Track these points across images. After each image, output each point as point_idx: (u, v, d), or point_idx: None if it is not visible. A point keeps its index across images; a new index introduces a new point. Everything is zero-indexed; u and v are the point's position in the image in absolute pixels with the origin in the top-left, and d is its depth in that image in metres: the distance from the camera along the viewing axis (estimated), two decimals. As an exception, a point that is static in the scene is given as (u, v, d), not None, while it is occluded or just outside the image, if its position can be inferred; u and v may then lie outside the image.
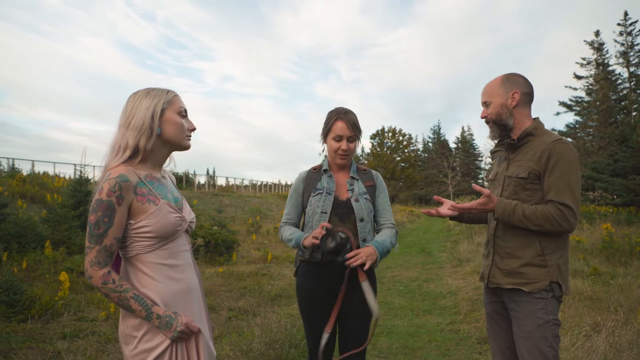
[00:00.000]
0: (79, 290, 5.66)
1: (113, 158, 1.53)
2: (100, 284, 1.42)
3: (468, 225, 14.40)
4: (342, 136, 2.22)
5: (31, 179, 17.79)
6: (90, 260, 1.43)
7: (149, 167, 1.60)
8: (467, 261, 8.92)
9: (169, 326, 1.46)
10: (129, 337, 1.49)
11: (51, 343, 3.66)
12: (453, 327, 4.82)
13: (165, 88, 1.63)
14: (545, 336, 1.86)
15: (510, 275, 1.97)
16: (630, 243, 8.42)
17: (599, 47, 31.48)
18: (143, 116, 1.52)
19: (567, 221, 1.85)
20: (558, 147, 1.91)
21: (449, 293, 6.46)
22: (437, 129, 63.34)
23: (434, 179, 52.71)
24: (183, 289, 1.56)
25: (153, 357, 1.45)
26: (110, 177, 1.45)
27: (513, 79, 2.07)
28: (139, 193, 1.49)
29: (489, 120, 2.11)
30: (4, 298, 4.32)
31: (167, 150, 1.65)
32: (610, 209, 13.95)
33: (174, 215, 1.54)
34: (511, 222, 1.94)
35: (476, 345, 4.21)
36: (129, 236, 1.50)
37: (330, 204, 2.20)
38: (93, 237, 1.43)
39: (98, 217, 1.42)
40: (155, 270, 1.51)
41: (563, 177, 1.88)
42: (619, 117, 28.95)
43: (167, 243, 1.55)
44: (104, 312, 4.60)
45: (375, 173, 2.38)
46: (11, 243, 7.68)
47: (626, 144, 16.72)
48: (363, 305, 2.07)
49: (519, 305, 1.94)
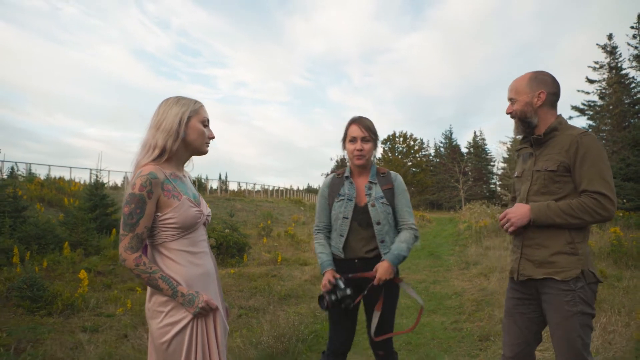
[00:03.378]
0: (97, 289, 5.91)
1: (143, 156, 1.76)
2: (133, 266, 1.65)
3: (477, 230, 14.45)
4: (356, 137, 2.41)
5: (48, 183, 18.26)
6: (124, 246, 1.65)
7: (172, 167, 1.82)
8: (474, 264, 9.02)
9: (191, 303, 1.67)
10: (156, 312, 1.70)
11: (73, 335, 3.89)
12: (456, 326, 4.96)
13: (193, 98, 1.85)
14: (573, 327, 1.90)
15: (541, 266, 1.99)
16: (638, 246, 8.43)
17: (612, 50, 31.25)
18: (172, 121, 1.75)
19: (605, 209, 1.89)
20: (585, 139, 1.95)
21: (454, 294, 6.59)
22: (448, 133, 63.07)
23: (446, 184, 52.50)
24: (202, 273, 1.79)
25: (177, 329, 1.67)
26: (142, 174, 1.67)
27: (541, 77, 2.10)
28: (165, 189, 1.71)
29: (514, 116, 2.16)
30: (28, 294, 4.57)
31: (188, 153, 1.87)
32: (620, 213, 13.88)
33: (194, 210, 1.77)
34: (550, 221, 1.96)
35: (477, 343, 4.35)
36: (156, 226, 1.73)
37: (351, 211, 2.41)
38: (127, 225, 1.65)
39: (131, 209, 1.65)
40: (178, 256, 1.73)
41: (594, 167, 1.91)
42: (633, 120, 28.67)
43: (189, 233, 1.77)
44: (121, 309, 4.83)
45: (395, 175, 2.52)
46: (31, 244, 7.99)
47: (638, 148, 16.62)
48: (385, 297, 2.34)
49: (548, 297, 1.98)
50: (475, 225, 15.42)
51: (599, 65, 31.66)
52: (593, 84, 32.05)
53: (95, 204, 11.47)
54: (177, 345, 1.66)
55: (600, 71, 31.76)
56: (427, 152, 60.93)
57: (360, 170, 2.51)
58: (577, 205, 1.92)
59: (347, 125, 2.49)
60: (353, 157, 2.45)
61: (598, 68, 31.77)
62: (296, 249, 11.68)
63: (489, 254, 10.02)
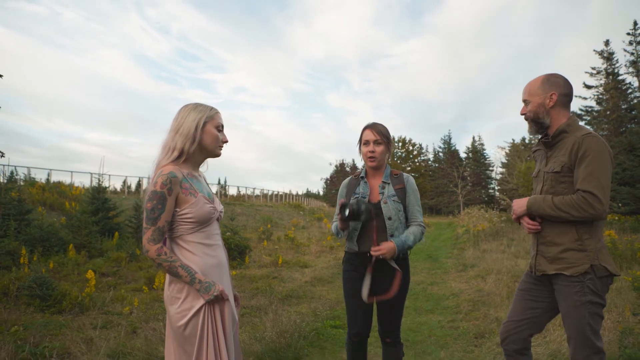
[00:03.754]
0: (102, 289, 6.05)
1: (163, 157, 1.93)
2: (155, 256, 1.81)
3: (475, 234, 14.62)
4: (369, 141, 2.62)
5: (50, 187, 18.40)
6: (147, 238, 1.82)
7: (189, 167, 1.99)
8: (472, 266, 9.17)
9: (207, 290, 1.84)
10: (174, 298, 1.87)
11: (83, 332, 4.04)
12: (453, 325, 5.11)
13: (210, 105, 2.03)
14: (582, 315, 2.02)
15: (553, 262, 2.12)
16: (632, 249, 8.60)
17: (609, 56, 31.50)
18: (189, 126, 1.93)
19: (592, 207, 1.99)
20: (586, 140, 2.04)
21: (451, 295, 6.74)
22: (447, 138, 63.40)
23: (444, 189, 52.74)
24: (216, 263, 1.96)
25: (192, 313, 1.83)
26: (163, 173, 1.84)
27: (553, 80, 2.19)
28: (183, 187, 1.89)
29: (527, 117, 2.26)
30: (38, 292, 4.72)
31: (203, 155, 2.04)
32: (616, 216, 14.06)
33: (208, 206, 1.94)
34: (541, 211, 2.12)
35: (473, 340, 4.50)
36: (175, 220, 1.90)
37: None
38: (149, 220, 1.82)
39: (153, 205, 1.82)
40: (195, 247, 1.91)
41: (589, 167, 2.01)
42: (630, 126, 28.89)
43: (204, 227, 1.94)
44: (128, 307, 4.98)
45: (407, 176, 2.72)
46: (36, 246, 8.14)
47: (634, 152, 16.86)
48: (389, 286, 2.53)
49: (559, 287, 2.12)
50: (473, 229, 15.59)
51: (596, 70, 31.92)
52: (590, 90, 32.29)
53: (98, 208, 11.63)
54: (192, 329, 1.82)
55: (597, 77, 32.01)
56: (426, 157, 61.26)
57: (374, 171, 2.71)
58: (567, 201, 2.05)
59: (362, 130, 2.70)
60: (367, 159, 2.66)
61: (595, 74, 32.02)
62: (296, 252, 11.83)
63: (486, 256, 10.18)
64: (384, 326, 2.66)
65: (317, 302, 6.08)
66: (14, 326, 3.68)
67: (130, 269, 7.71)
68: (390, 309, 2.62)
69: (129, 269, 7.66)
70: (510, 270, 7.80)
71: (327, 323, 4.94)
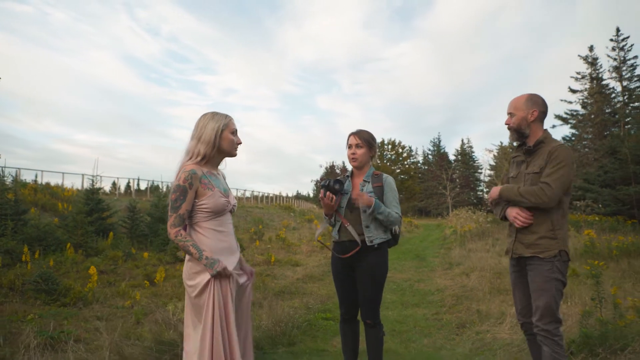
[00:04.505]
0: (102, 286, 6.29)
1: (187, 160, 2.33)
2: (174, 237, 2.21)
3: (462, 234, 15.03)
4: (352, 145, 3.05)
5: (42, 188, 18.49)
6: (170, 223, 2.23)
7: (209, 166, 2.38)
8: (457, 265, 9.53)
9: (212, 266, 2.19)
10: (190, 274, 2.25)
11: (89, 322, 4.29)
12: (437, 317, 5.44)
13: (224, 113, 2.40)
14: (550, 289, 2.46)
15: (529, 247, 2.56)
16: (609, 247, 9.02)
17: (593, 61, 32.24)
18: (210, 134, 2.32)
19: (544, 194, 2.45)
20: (558, 149, 2.53)
21: (437, 290, 7.07)
22: (437, 141, 64.11)
23: (434, 191, 53.32)
24: (226, 247, 2.34)
25: (202, 284, 2.20)
26: (185, 170, 2.24)
27: (535, 99, 2.66)
28: (202, 182, 2.27)
29: (511, 128, 2.71)
30: (44, 287, 4.97)
31: (221, 157, 2.43)
32: (597, 217, 14.55)
33: (223, 199, 2.31)
34: (509, 197, 2.61)
35: (455, 329, 4.83)
36: (194, 209, 2.28)
37: (346, 200, 3.02)
38: (173, 208, 2.22)
39: (177, 196, 2.22)
40: (208, 232, 2.29)
41: (553, 168, 2.48)
42: (614, 129, 29.61)
43: (218, 217, 2.32)
44: (129, 301, 5.23)
45: (386, 176, 3.10)
46: (33, 246, 8.33)
47: (615, 156, 17.37)
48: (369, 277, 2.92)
49: (534, 268, 2.54)
50: (461, 229, 16.00)
51: (580, 75, 32.65)
52: (575, 94, 33.01)
53: (92, 209, 11.81)
54: (204, 299, 2.20)
55: (582, 81, 32.74)
56: (415, 160, 61.90)
57: (358, 171, 3.12)
58: (529, 190, 2.53)
59: (348, 135, 3.11)
60: (350, 159, 3.09)
61: (580, 78, 32.75)
62: (287, 251, 12.11)
63: (471, 255, 10.56)
64: (364, 309, 3.00)
65: (308, 297, 6.38)
66: (30, 315, 3.92)
67: (127, 267, 7.94)
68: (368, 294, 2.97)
69: (125, 267, 7.89)
70: (493, 267, 8.16)
71: (318, 315, 5.24)
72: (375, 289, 2.96)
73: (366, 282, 2.94)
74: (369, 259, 2.92)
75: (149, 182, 32.70)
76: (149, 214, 13.09)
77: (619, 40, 29.69)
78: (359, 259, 2.93)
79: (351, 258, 2.94)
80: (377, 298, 2.99)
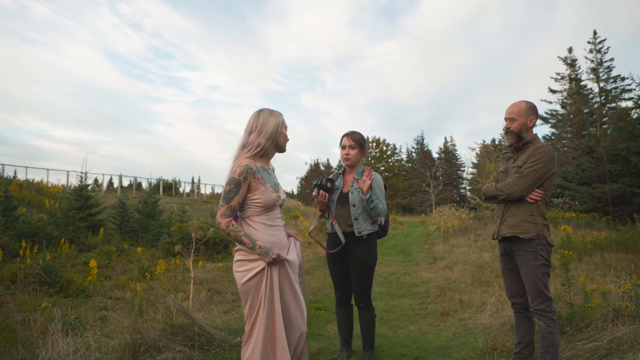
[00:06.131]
0: (100, 279, 6.47)
1: (244, 153, 2.43)
2: (225, 227, 2.31)
3: (445, 230, 15.46)
4: (345, 145, 3.35)
5: (28, 185, 18.39)
6: (221, 213, 2.32)
7: (262, 161, 2.49)
8: (441, 259, 9.91)
9: (267, 254, 2.31)
10: (241, 262, 2.37)
11: (95, 312, 4.51)
12: (422, 306, 5.77)
13: (278, 110, 2.52)
14: (536, 275, 2.82)
15: (511, 228, 2.92)
16: (584, 242, 9.49)
17: (572, 63, 33.11)
18: (273, 129, 2.45)
19: (514, 184, 2.87)
20: (538, 148, 2.90)
21: (422, 283, 7.43)
22: (420, 139, 64.88)
23: (417, 189, 53.97)
24: (275, 241, 2.42)
25: (257, 270, 2.33)
26: (241, 164, 2.34)
27: (533, 107, 3.02)
28: (256, 177, 2.37)
29: (512, 131, 3.02)
30: (47, 279, 5.15)
31: (275, 151, 2.55)
32: (574, 214, 15.11)
33: (274, 194, 2.42)
34: (490, 194, 3.03)
35: (439, 317, 5.17)
36: (246, 203, 2.39)
37: (337, 195, 3.36)
38: (225, 199, 2.32)
39: (230, 188, 2.31)
40: (259, 226, 2.39)
41: (529, 163, 2.86)
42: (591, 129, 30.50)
43: (269, 211, 2.42)
44: (129, 293, 5.45)
45: (374, 174, 3.38)
46: (26, 241, 8.44)
47: (592, 155, 18.00)
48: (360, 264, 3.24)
49: (519, 255, 2.91)
50: (444, 226, 16.43)
51: (560, 76, 33.49)
52: (555, 94, 33.86)
53: (82, 205, 11.91)
54: (251, 286, 2.33)
55: (561, 82, 33.59)
56: (399, 157, 62.51)
57: (349, 169, 3.43)
58: (501, 184, 2.97)
59: (341, 137, 3.41)
60: (343, 159, 3.39)
61: (560, 79, 33.59)
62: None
63: (454, 250, 10.96)
64: (356, 294, 3.33)
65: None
66: (44, 303, 4.13)
67: (120, 261, 8.12)
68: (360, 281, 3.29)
69: (119, 262, 8.07)
70: (475, 261, 8.54)
71: (311, 306, 5.52)
72: (365, 275, 3.28)
73: (357, 270, 3.27)
74: (359, 249, 3.25)
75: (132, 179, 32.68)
76: (138, 211, 13.23)
77: (596, 43, 30.57)
78: (350, 249, 3.26)
79: (343, 248, 3.25)
80: (367, 283, 3.31)
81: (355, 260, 3.26)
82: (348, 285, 3.40)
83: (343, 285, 3.42)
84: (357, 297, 3.32)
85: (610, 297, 3.98)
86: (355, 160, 3.37)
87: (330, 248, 3.34)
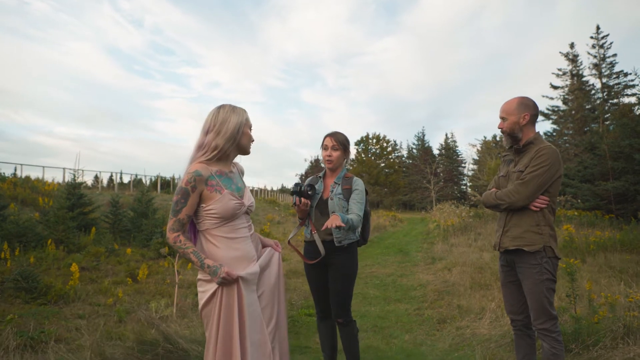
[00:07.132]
0: (84, 283, 6.23)
1: (199, 156, 2.12)
2: (172, 242, 2.06)
3: (445, 228, 15.21)
4: (328, 146, 3.08)
5: (22, 182, 18.14)
6: (169, 227, 2.06)
7: (220, 165, 2.17)
8: (440, 259, 9.65)
9: (215, 273, 2.02)
10: (201, 281, 2.12)
11: (70, 321, 4.26)
12: (419, 312, 5.52)
13: (241, 107, 2.22)
14: (541, 290, 2.54)
15: (515, 239, 2.63)
16: (587, 242, 9.23)
17: (574, 58, 32.78)
18: (233, 129, 2.13)
19: (515, 192, 2.58)
20: (542, 150, 2.59)
21: (419, 286, 7.17)
22: (421, 135, 64.51)
23: (418, 185, 53.68)
24: (239, 256, 2.14)
25: (210, 293, 2.07)
26: (189, 171, 2.05)
27: (526, 102, 2.71)
28: (209, 184, 2.08)
29: (504, 132, 2.76)
30: (23, 285, 4.91)
31: (236, 153, 2.25)
32: (576, 212, 14.85)
33: (234, 202, 2.11)
34: (490, 203, 2.74)
35: (436, 325, 4.92)
36: (201, 215, 2.10)
37: (317, 201, 3.08)
38: (173, 211, 2.05)
39: (177, 199, 2.05)
40: (219, 241, 2.11)
41: (532, 167, 2.56)
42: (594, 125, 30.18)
43: (229, 222, 2.12)
44: (111, 299, 5.20)
45: (356, 179, 3.13)
46: (13, 242, 8.19)
47: (594, 151, 17.71)
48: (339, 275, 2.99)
49: (522, 267, 2.63)
50: (444, 224, 16.18)
51: (562, 72, 33.17)
52: (557, 90, 33.56)
53: (74, 203, 11.64)
54: (210, 309, 2.08)
55: (563, 78, 33.27)
56: (399, 154, 62.20)
57: (331, 172, 3.16)
58: (502, 192, 2.67)
59: (324, 137, 3.13)
60: (325, 161, 3.12)
61: (561, 75, 33.27)
62: (272, 246, 12.10)
63: (453, 250, 10.71)
64: (334, 307, 3.05)
65: (292, 293, 6.41)
66: (9, 315, 3.88)
67: (109, 263, 7.88)
68: (338, 293, 3.02)
69: (108, 263, 7.83)
70: (475, 262, 8.29)
71: (301, 312, 5.28)
72: (345, 286, 3.02)
73: (336, 281, 3.01)
74: (338, 259, 3.00)
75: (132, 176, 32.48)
76: (132, 209, 12.96)
77: (598, 38, 30.20)
78: (330, 258, 3.00)
79: (322, 258, 2.99)
80: (347, 295, 3.04)
81: (335, 270, 3.01)
82: (329, 298, 3.14)
83: (324, 298, 3.14)
84: (335, 311, 3.05)
85: (618, 309, 3.72)
86: (338, 163, 3.10)
87: (309, 258, 3.07)
